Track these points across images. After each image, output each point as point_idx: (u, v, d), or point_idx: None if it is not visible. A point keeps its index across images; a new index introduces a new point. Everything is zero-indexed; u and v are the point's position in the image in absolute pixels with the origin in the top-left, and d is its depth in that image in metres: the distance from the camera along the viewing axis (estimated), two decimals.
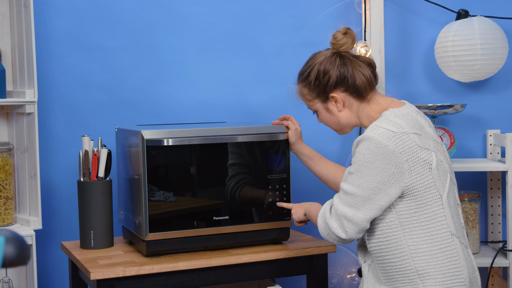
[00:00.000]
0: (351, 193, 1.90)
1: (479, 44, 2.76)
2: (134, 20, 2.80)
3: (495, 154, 3.00)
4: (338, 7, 2.97)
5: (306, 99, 2.11)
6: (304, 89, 2.10)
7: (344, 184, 1.93)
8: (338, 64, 2.02)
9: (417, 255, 1.89)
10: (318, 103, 2.08)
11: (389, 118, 1.93)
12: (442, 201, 1.92)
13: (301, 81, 2.10)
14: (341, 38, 2.03)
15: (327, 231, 1.95)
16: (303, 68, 2.10)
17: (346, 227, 1.91)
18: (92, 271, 2.14)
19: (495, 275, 3.03)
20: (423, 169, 1.90)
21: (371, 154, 1.87)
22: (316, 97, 2.07)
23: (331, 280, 3.01)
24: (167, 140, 2.29)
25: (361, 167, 1.89)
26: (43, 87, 2.70)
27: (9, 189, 2.54)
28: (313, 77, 2.05)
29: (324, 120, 2.10)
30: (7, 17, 2.63)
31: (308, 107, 2.13)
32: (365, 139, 1.90)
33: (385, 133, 1.88)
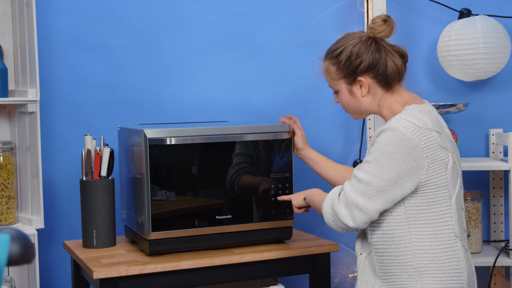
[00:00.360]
0: (366, 182, 1.87)
1: (481, 43, 2.75)
2: (136, 19, 2.80)
3: (498, 153, 2.99)
4: (340, 6, 2.97)
5: (331, 77, 2.05)
6: (332, 67, 2.03)
7: (359, 172, 1.90)
8: (372, 50, 1.98)
9: (419, 252, 1.89)
10: (342, 83, 2.03)
11: (413, 113, 1.91)
12: (451, 202, 1.92)
13: (330, 58, 2.03)
14: (380, 25, 1.99)
15: (333, 217, 1.92)
16: (334, 46, 2.04)
17: (356, 215, 1.88)
18: (95, 270, 2.14)
19: (497, 274, 3.02)
20: (440, 168, 1.90)
21: (393, 145, 1.85)
22: (342, 77, 2.02)
23: (334, 279, 3.00)
24: (170, 139, 2.28)
25: (380, 157, 1.86)
26: (45, 86, 2.70)
27: (11, 188, 2.54)
28: (344, 57, 1.99)
29: (343, 101, 2.05)
30: (9, 16, 2.63)
31: (330, 85, 2.07)
32: (389, 129, 1.87)
33: (410, 126, 1.86)
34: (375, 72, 1.98)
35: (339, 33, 2.93)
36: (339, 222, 1.91)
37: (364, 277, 2.01)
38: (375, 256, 1.98)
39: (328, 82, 2.08)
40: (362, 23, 2.95)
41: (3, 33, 2.62)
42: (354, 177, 1.91)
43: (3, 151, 2.53)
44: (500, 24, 2.82)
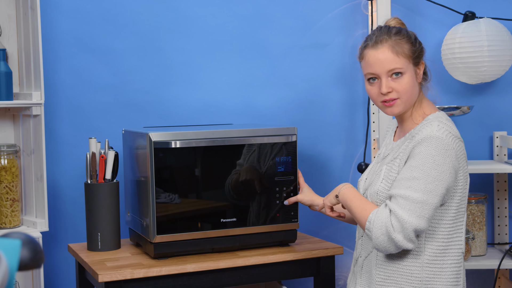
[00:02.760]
0: (422, 202, 1.77)
1: (486, 46, 2.75)
2: (140, 22, 2.80)
3: (502, 156, 2.99)
4: (344, 9, 2.97)
5: (402, 56, 1.90)
6: (406, 44, 1.91)
7: (409, 192, 1.78)
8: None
9: (429, 266, 1.87)
10: (410, 64, 1.91)
11: (444, 121, 1.87)
12: (463, 219, 1.91)
13: (402, 36, 1.91)
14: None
15: (390, 245, 1.80)
16: (399, 28, 1.93)
17: (413, 237, 1.79)
18: (100, 273, 2.14)
19: (502, 277, 3.02)
20: (464, 182, 1.88)
21: (440, 156, 1.78)
22: (412, 56, 1.91)
23: (338, 282, 3.00)
24: (175, 142, 2.28)
25: (430, 171, 1.78)
26: (50, 89, 2.70)
27: (15, 191, 2.54)
28: (413, 38, 1.93)
29: (407, 84, 1.90)
30: (13, 19, 2.63)
31: (394, 65, 1.89)
32: (433, 138, 1.80)
33: (449, 135, 1.82)
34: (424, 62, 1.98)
35: (344, 36, 2.97)
36: (397, 248, 1.81)
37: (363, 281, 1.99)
38: (376, 260, 1.95)
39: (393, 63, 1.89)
40: (366, 26, 2.95)
41: (8, 36, 2.62)
42: (403, 198, 1.79)
43: (7, 154, 2.53)
44: (504, 27, 2.82)
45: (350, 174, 3.00)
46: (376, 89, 1.92)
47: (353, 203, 1.92)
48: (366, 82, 1.95)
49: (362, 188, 2.05)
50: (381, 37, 1.91)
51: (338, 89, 3.00)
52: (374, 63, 1.90)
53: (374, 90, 1.92)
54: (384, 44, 1.90)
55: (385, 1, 2.76)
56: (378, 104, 1.95)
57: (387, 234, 1.79)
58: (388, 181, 1.91)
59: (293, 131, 2.45)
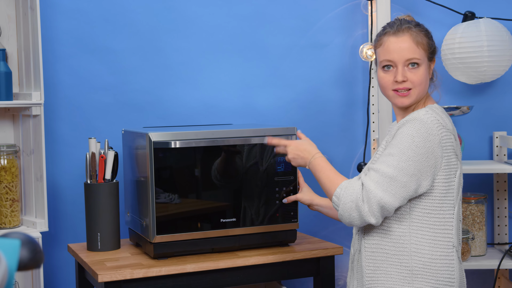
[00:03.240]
0: (391, 176, 1.79)
1: (485, 46, 2.75)
2: (140, 22, 2.80)
3: (502, 156, 2.99)
4: (344, 9, 2.97)
5: (421, 48, 1.91)
6: (425, 38, 1.93)
7: (382, 166, 1.81)
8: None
9: (417, 254, 1.88)
10: (426, 57, 1.93)
11: (437, 111, 1.89)
12: (454, 212, 1.91)
13: (422, 29, 1.93)
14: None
15: (354, 213, 1.81)
16: (418, 22, 1.95)
17: (377, 212, 1.80)
18: (100, 273, 2.14)
19: (501, 277, 3.02)
20: (450, 173, 1.89)
21: (420, 138, 1.80)
22: (429, 51, 1.93)
23: (338, 282, 3.00)
24: (175, 142, 2.28)
25: (406, 150, 1.80)
26: (49, 89, 2.70)
27: (15, 191, 2.54)
28: (430, 33, 1.96)
29: (422, 76, 1.91)
30: (13, 19, 2.63)
31: (412, 55, 1.90)
32: (417, 120, 1.82)
33: (435, 122, 1.84)
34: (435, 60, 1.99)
35: (343, 36, 2.97)
36: (360, 219, 1.82)
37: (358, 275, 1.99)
38: (365, 252, 1.95)
39: (412, 52, 1.90)
40: (366, 26, 2.95)
41: (7, 36, 2.62)
42: (376, 172, 1.81)
43: (7, 154, 2.53)
44: (504, 27, 2.82)
45: (350, 174, 3.00)
46: (390, 77, 1.92)
47: (323, 174, 1.93)
48: (380, 70, 1.95)
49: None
50: (403, 26, 1.92)
51: (338, 89, 3.00)
52: (394, 50, 1.91)
53: (388, 77, 1.93)
54: (406, 33, 1.91)
55: (385, 1, 2.77)
56: (389, 93, 1.95)
57: (356, 202, 1.81)
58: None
59: (292, 131, 2.45)
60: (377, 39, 1.97)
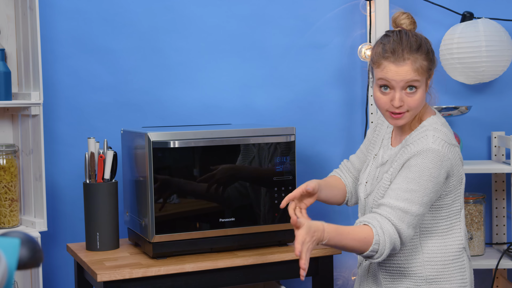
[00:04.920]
0: (419, 214, 1.83)
1: (484, 46, 2.76)
2: (139, 22, 2.81)
3: (500, 156, 3.00)
4: (343, 9, 2.97)
5: (421, 72, 1.87)
6: (424, 61, 1.88)
7: (407, 205, 1.81)
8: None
9: (429, 263, 1.89)
10: (425, 78, 1.90)
11: (437, 127, 1.89)
12: (461, 215, 1.92)
13: (422, 52, 1.89)
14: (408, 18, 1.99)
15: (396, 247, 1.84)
16: (418, 41, 1.91)
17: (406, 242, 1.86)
18: (98, 273, 2.14)
19: (500, 277, 3.03)
20: (457, 183, 1.91)
21: (436, 168, 1.82)
22: (428, 71, 1.90)
23: (336, 281, 3.00)
24: (174, 142, 2.29)
25: (426, 183, 1.82)
26: (48, 89, 2.70)
27: (14, 191, 2.54)
28: (431, 52, 1.91)
29: (420, 99, 1.89)
30: (12, 19, 2.63)
31: (411, 82, 1.87)
32: (430, 151, 1.83)
33: (445, 146, 1.85)
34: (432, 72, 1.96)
35: (342, 36, 2.97)
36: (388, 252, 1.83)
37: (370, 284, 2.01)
38: (379, 265, 1.97)
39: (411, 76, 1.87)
40: (365, 26, 2.96)
41: (6, 36, 2.62)
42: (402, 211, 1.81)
43: (6, 154, 2.53)
44: (502, 27, 2.83)
45: None
46: (386, 99, 1.89)
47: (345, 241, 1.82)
48: (376, 88, 1.91)
49: (363, 193, 2.04)
50: (403, 53, 1.86)
51: (337, 89, 3.00)
52: (392, 77, 1.87)
53: (385, 99, 1.89)
54: (407, 61, 1.86)
55: (383, 1, 2.77)
56: (384, 113, 1.93)
57: (393, 247, 1.83)
58: (381, 189, 1.95)
59: (291, 131, 2.45)
60: (376, 59, 1.90)
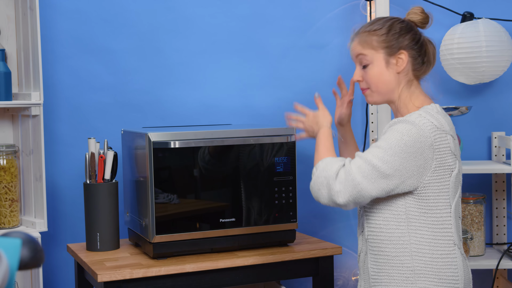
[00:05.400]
0: (373, 165, 1.81)
1: (484, 47, 2.76)
2: (139, 22, 2.81)
3: (500, 156, 3.00)
4: (343, 10, 2.97)
5: (367, 45, 1.95)
6: (373, 37, 1.95)
7: (368, 155, 1.83)
8: (417, 30, 1.98)
9: (417, 254, 1.89)
10: (381, 54, 1.94)
11: (432, 113, 1.89)
12: (451, 210, 1.92)
13: (375, 29, 1.96)
14: (421, 13, 2.00)
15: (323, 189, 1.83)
16: (383, 19, 1.98)
17: (350, 194, 1.82)
18: (99, 273, 2.14)
19: (500, 277, 3.03)
20: (445, 173, 1.89)
21: (410, 138, 1.81)
22: (384, 47, 1.94)
23: (337, 282, 3.01)
24: (174, 142, 2.29)
25: (394, 146, 1.82)
26: (48, 89, 2.70)
27: (14, 191, 2.54)
28: (398, 28, 1.95)
29: (374, 74, 1.95)
30: (12, 19, 2.63)
31: (357, 56, 1.97)
32: (409, 122, 1.84)
33: (429, 125, 1.84)
34: (416, 51, 1.96)
35: (342, 37, 2.97)
36: (328, 196, 1.83)
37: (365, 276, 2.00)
38: (370, 255, 1.97)
39: (359, 53, 1.97)
40: None
41: (7, 37, 2.62)
42: (360, 158, 1.84)
43: (6, 154, 2.53)
44: (502, 28, 2.83)
45: None
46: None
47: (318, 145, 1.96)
48: None
49: None
50: (358, 30, 2.00)
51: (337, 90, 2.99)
52: (350, 53, 2.03)
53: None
54: (356, 37, 1.99)
55: (384, 1, 2.77)
56: None
57: (328, 179, 1.83)
58: None
59: (291, 131, 2.45)
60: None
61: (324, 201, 1.86)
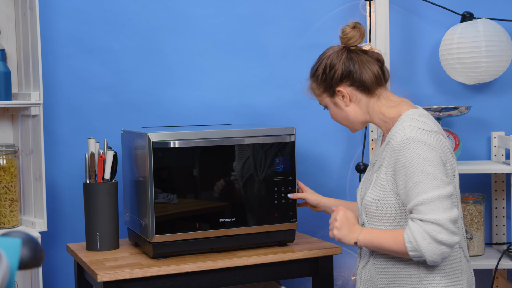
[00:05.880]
0: (437, 198, 1.77)
1: (484, 47, 2.76)
2: (139, 22, 2.81)
3: (500, 156, 3.00)
4: (342, 9, 2.98)
5: (315, 94, 2.09)
6: (313, 84, 2.08)
7: (420, 197, 1.77)
8: (344, 58, 1.98)
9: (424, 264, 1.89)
10: (326, 97, 2.05)
11: (415, 118, 1.87)
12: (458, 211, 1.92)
13: (311, 76, 2.09)
14: (349, 32, 1.99)
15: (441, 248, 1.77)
16: (314, 64, 2.09)
17: (453, 229, 1.77)
18: (99, 273, 2.14)
19: (499, 277, 3.03)
20: (450, 174, 1.89)
21: (424, 151, 1.79)
22: (324, 91, 2.04)
23: (336, 281, 3.01)
24: (174, 142, 2.29)
25: (425, 168, 1.78)
26: (48, 89, 2.70)
27: (14, 191, 2.54)
28: (321, 71, 2.03)
29: (333, 115, 2.07)
30: (12, 19, 2.63)
31: (319, 103, 2.10)
32: (409, 140, 1.81)
33: (423, 133, 1.83)
34: (350, 79, 1.97)
35: None
36: (449, 247, 1.78)
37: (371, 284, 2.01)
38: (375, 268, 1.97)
39: (317, 99, 2.11)
40: (365, 27, 2.95)
41: (6, 36, 2.62)
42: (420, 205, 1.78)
43: (6, 154, 2.53)
44: (502, 28, 2.83)
45: (348, 174, 3.01)
46: None
47: (380, 240, 1.88)
48: None
49: (359, 198, 2.05)
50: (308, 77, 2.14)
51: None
52: None
53: None
54: (308, 86, 2.13)
55: (383, 1, 2.77)
56: None
57: (434, 240, 1.76)
58: (377, 188, 1.91)
59: (291, 131, 2.45)
60: None
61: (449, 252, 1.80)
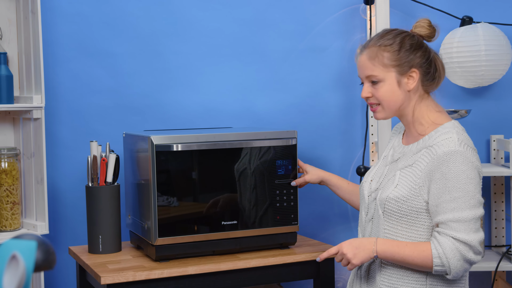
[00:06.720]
0: (472, 218, 1.81)
1: (483, 51, 2.78)
2: (140, 26, 2.82)
3: (499, 159, 3.02)
4: (343, 13, 2.99)
5: (379, 63, 1.93)
6: (386, 53, 1.93)
7: (456, 214, 1.82)
8: (427, 47, 1.98)
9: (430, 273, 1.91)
10: (393, 72, 1.93)
11: (460, 132, 1.90)
12: None
13: (386, 45, 1.94)
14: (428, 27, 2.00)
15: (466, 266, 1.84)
16: (392, 33, 1.97)
17: (480, 249, 1.84)
18: (102, 276, 2.14)
19: (499, 279, 3.04)
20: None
21: (469, 169, 1.82)
22: (396, 65, 1.92)
23: (337, 284, 3.02)
24: (176, 145, 2.29)
25: (466, 186, 1.82)
26: (50, 92, 2.71)
27: (16, 194, 2.55)
28: (408, 45, 1.93)
29: (386, 92, 1.94)
30: (14, 22, 2.63)
31: (369, 73, 1.95)
32: (457, 153, 1.82)
33: (469, 150, 1.85)
34: (426, 69, 1.95)
35: (342, 40, 2.98)
36: (471, 265, 1.84)
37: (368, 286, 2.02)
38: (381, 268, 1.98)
39: (369, 70, 1.95)
40: (365, 30, 2.97)
41: (8, 40, 2.63)
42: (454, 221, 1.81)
43: (8, 157, 2.53)
44: (501, 32, 2.85)
45: (349, 177, 3.02)
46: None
47: (402, 251, 1.89)
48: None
49: (367, 190, 2.05)
50: (367, 43, 1.98)
51: (337, 93, 3.01)
52: (358, 68, 2.00)
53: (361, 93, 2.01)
54: (364, 51, 1.97)
55: (384, 5, 2.78)
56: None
57: (463, 258, 1.82)
58: (404, 188, 1.91)
59: (293, 135, 2.46)
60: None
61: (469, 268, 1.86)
